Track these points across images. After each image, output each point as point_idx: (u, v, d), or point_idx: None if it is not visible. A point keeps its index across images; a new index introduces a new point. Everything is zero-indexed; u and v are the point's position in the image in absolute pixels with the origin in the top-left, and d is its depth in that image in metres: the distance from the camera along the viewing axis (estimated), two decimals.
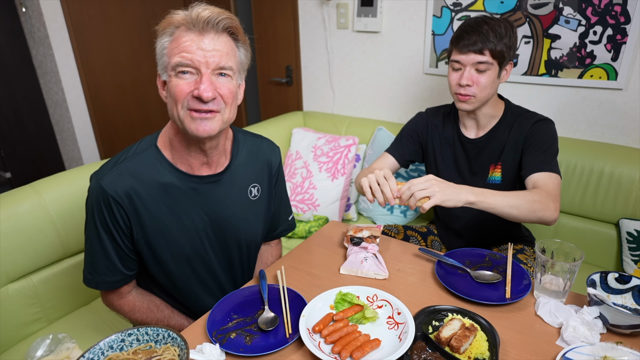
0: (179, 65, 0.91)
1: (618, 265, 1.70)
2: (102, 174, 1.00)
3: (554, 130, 1.37)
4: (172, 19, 0.93)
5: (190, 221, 1.07)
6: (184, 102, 0.93)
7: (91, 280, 1.07)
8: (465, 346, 0.85)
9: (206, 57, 0.90)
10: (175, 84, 0.92)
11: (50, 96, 2.83)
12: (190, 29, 0.91)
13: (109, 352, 0.80)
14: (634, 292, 0.98)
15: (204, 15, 0.89)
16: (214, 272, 1.17)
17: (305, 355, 0.89)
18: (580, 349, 0.84)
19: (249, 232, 1.17)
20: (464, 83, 1.31)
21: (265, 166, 1.18)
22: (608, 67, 1.71)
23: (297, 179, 2.26)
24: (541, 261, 1.00)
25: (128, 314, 1.13)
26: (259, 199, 1.18)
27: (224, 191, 1.10)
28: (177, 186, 1.03)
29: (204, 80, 0.91)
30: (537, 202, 1.15)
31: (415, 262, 1.21)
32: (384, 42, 2.25)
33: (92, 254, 1.05)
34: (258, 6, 2.67)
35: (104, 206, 0.99)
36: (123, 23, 2.80)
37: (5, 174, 2.97)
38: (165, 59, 0.94)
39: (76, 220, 1.49)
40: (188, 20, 0.90)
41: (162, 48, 0.94)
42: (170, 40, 0.93)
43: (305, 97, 2.70)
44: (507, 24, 1.30)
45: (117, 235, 1.03)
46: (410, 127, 1.58)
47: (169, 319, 1.17)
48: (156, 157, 1.03)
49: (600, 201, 1.70)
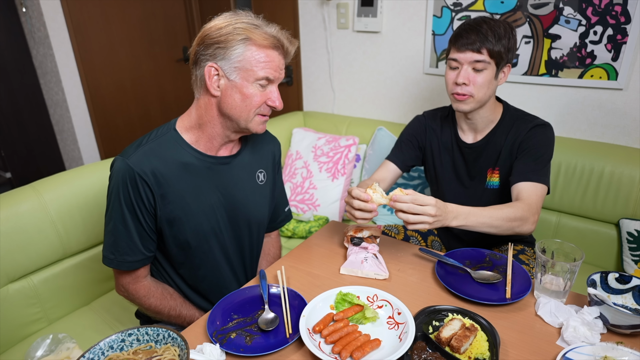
0: (265, 78, 1.05)
1: (618, 265, 1.70)
2: (127, 154, 1.06)
3: (551, 136, 1.36)
4: (262, 32, 1.03)
5: (208, 199, 1.15)
6: (259, 108, 1.08)
7: (113, 260, 1.10)
8: (465, 346, 0.85)
9: (280, 74, 1.09)
10: (254, 92, 1.05)
11: (50, 96, 2.83)
12: (277, 50, 1.06)
13: (109, 352, 0.80)
14: (634, 292, 0.98)
15: (290, 50, 1.08)
16: (227, 252, 1.23)
17: (306, 356, 0.89)
18: (580, 349, 0.84)
19: (258, 214, 1.26)
20: (460, 81, 1.30)
21: (270, 154, 1.30)
22: (608, 67, 1.71)
23: (297, 179, 2.26)
24: (541, 261, 1.00)
25: (143, 298, 1.16)
26: (265, 184, 1.28)
27: (235, 173, 1.19)
28: (195, 165, 1.12)
29: (277, 94, 1.09)
30: (517, 219, 1.20)
31: (416, 262, 1.21)
32: (384, 42, 2.25)
33: (115, 233, 1.09)
34: (258, 6, 2.67)
35: (130, 185, 1.04)
36: (123, 23, 2.80)
37: (6, 174, 2.98)
38: (245, 65, 1.03)
39: (76, 220, 1.49)
40: (277, 43, 1.05)
41: (245, 54, 1.02)
42: (259, 53, 1.03)
43: (305, 97, 2.70)
44: (507, 25, 1.30)
45: (141, 215, 1.08)
46: (409, 131, 1.57)
47: (181, 307, 1.22)
48: (176, 140, 1.11)
49: (600, 201, 1.70)
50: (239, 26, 1.02)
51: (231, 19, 1.03)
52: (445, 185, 1.53)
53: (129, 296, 1.17)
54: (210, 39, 1.02)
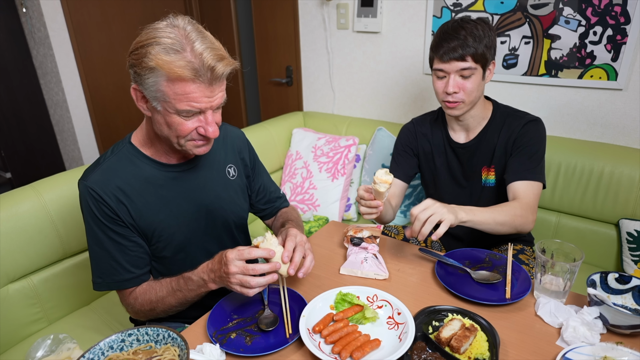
0: (186, 112, 0.93)
1: (618, 265, 1.70)
2: (86, 176, 1.04)
3: (543, 132, 1.37)
4: (174, 60, 0.86)
5: (178, 209, 1.11)
6: (188, 136, 0.98)
7: (102, 284, 1.07)
8: (465, 346, 0.85)
9: (211, 102, 0.94)
10: (180, 122, 0.94)
11: (50, 96, 2.83)
12: (198, 81, 0.89)
13: (109, 352, 0.80)
14: (634, 292, 0.98)
15: (219, 71, 0.90)
16: (211, 256, 1.11)
17: (305, 356, 0.90)
18: (580, 349, 0.84)
19: (235, 210, 1.23)
20: (450, 91, 1.29)
21: (235, 146, 1.26)
22: (608, 68, 1.71)
23: (297, 179, 2.27)
24: (541, 261, 1.00)
25: (136, 305, 1.09)
26: (237, 178, 1.25)
27: (203, 175, 1.15)
28: (158, 177, 1.08)
29: (210, 122, 0.96)
30: (520, 216, 1.22)
31: (415, 262, 1.21)
32: (384, 42, 2.25)
33: (95, 256, 1.07)
34: (258, 6, 2.67)
35: (94, 206, 1.02)
36: (123, 23, 2.80)
37: (6, 174, 2.98)
38: (164, 97, 0.91)
39: (76, 220, 1.49)
40: (197, 71, 0.87)
41: (157, 85, 0.90)
42: (173, 86, 0.89)
43: (305, 97, 2.70)
44: (483, 24, 1.29)
45: (114, 233, 1.04)
46: (401, 142, 1.56)
47: (171, 282, 1.07)
48: (134, 154, 1.07)
49: (600, 201, 1.70)
50: (152, 51, 0.87)
51: (153, 35, 0.89)
52: (442, 188, 1.54)
53: (132, 312, 1.12)
54: (131, 59, 0.92)
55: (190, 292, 1.02)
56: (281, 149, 2.38)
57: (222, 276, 0.94)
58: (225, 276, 0.93)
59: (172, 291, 1.04)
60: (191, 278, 1.01)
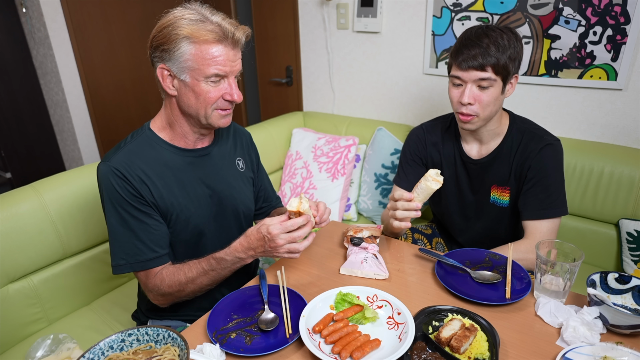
0: (214, 76, 1.02)
1: (618, 265, 1.70)
2: (108, 158, 1.07)
3: (560, 157, 1.30)
4: (200, 27, 0.99)
5: (195, 193, 1.16)
6: (215, 104, 1.07)
7: (125, 265, 1.07)
8: (465, 346, 0.85)
9: (233, 67, 1.05)
10: (207, 90, 1.04)
11: (50, 96, 2.83)
12: (223, 43, 1.02)
13: (109, 352, 0.80)
14: (634, 292, 0.98)
15: (238, 36, 1.03)
16: (216, 248, 1.11)
17: (305, 356, 0.90)
18: (580, 349, 0.85)
19: (244, 200, 1.28)
20: (465, 101, 1.23)
21: (243, 142, 1.33)
22: (608, 68, 1.71)
23: (297, 179, 2.27)
24: (541, 261, 1.00)
25: (163, 287, 1.08)
26: (245, 171, 1.31)
27: (216, 163, 1.22)
28: (176, 161, 1.14)
29: (234, 87, 1.07)
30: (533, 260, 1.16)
31: (415, 262, 1.21)
32: (384, 42, 2.25)
33: (118, 237, 1.08)
34: (258, 6, 2.67)
35: (117, 185, 1.05)
36: (123, 23, 2.80)
37: (6, 174, 2.98)
38: (192, 64, 1.01)
39: (76, 220, 1.49)
40: (222, 34, 1.01)
41: (187, 54, 1.00)
42: (201, 51, 1.00)
43: (305, 97, 2.70)
44: (510, 33, 1.21)
45: (137, 211, 1.07)
46: (410, 150, 1.50)
47: (197, 264, 1.10)
48: (153, 139, 1.13)
49: (600, 201, 1.70)
50: (180, 24, 0.99)
51: (174, 16, 1.01)
52: (448, 198, 1.49)
53: (154, 296, 1.12)
54: (156, 41, 1.02)
55: (224, 270, 1.09)
56: (281, 149, 2.38)
57: (267, 250, 1.03)
58: (271, 249, 1.02)
59: (204, 272, 1.08)
60: (224, 258, 1.07)
